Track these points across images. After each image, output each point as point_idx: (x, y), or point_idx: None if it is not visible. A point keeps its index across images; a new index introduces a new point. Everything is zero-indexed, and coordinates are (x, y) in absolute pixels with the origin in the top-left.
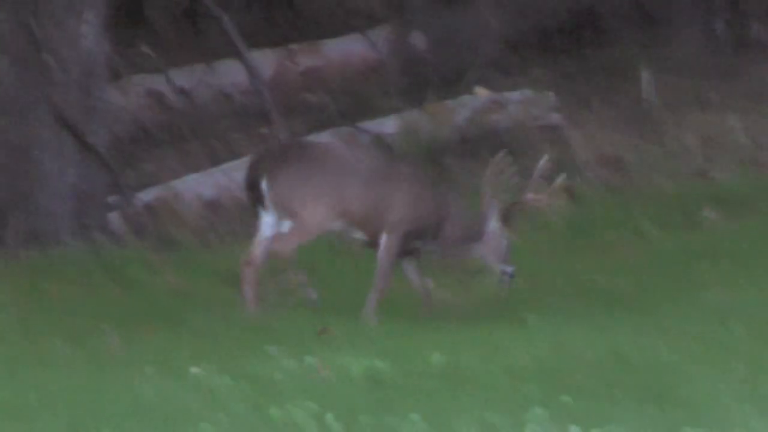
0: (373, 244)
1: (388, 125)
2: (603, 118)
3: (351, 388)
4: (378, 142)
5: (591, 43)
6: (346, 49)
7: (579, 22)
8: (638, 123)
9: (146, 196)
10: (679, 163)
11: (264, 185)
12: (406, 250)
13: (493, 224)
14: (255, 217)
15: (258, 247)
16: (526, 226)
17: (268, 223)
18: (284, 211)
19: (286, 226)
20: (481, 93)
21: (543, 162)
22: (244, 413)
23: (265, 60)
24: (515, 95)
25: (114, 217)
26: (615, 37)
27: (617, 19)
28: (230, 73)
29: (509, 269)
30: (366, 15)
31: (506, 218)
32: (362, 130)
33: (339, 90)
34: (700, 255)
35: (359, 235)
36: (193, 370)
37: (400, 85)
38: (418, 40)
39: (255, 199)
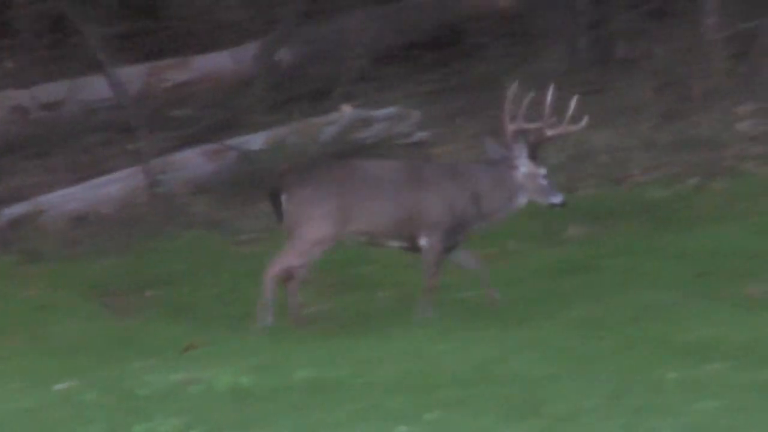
0: (412, 248)
1: (256, 141)
2: (469, 133)
3: (217, 403)
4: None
5: (457, 59)
6: (214, 65)
7: (445, 38)
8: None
9: (12, 210)
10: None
11: (283, 199)
12: (450, 246)
13: (524, 167)
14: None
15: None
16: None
17: None
18: (289, 227)
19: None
20: (347, 110)
21: (551, 93)
22: (110, 428)
23: (133, 75)
24: (381, 112)
25: None
26: (481, 53)
27: (483, 34)
28: (97, 88)
29: (558, 200)
30: (234, 30)
31: (533, 155)
32: (229, 146)
33: (206, 105)
34: (566, 269)
35: (395, 243)
36: (59, 385)
37: (268, 100)
38: (285, 56)
39: (274, 211)
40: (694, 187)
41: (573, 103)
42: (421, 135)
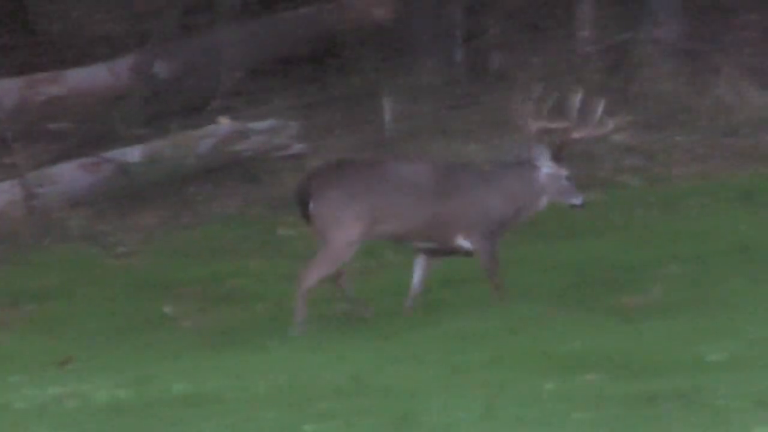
0: (445, 250)
1: (132, 154)
2: (346, 146)
3: (94, 417)
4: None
5: (333, 72)
6: (90, 78)
7: (321, 51)
8: (381, 151)
9: None
10: None
11: (311, 203)
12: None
13: (547, 168)
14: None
15: None
16: (269, 254)
17: None
18: (320, 233)
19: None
20: (224, 122)
21: (580, 97)
22: None
23: (8, 88)
24: (258, 125)
25: None
26: (357, 65)
27: (359, 47)
28: None
29: (579, 201)
30: (109, 44)
31: (557, 157)
32: (106, 159)
33: (82, 119)
34: (441, 281)
35: (425, 245)
36: None
37: (145, 113)
38: (161, 68)
39: (302, 214)
40: None
41: (600, 106)
42: (298, 147)
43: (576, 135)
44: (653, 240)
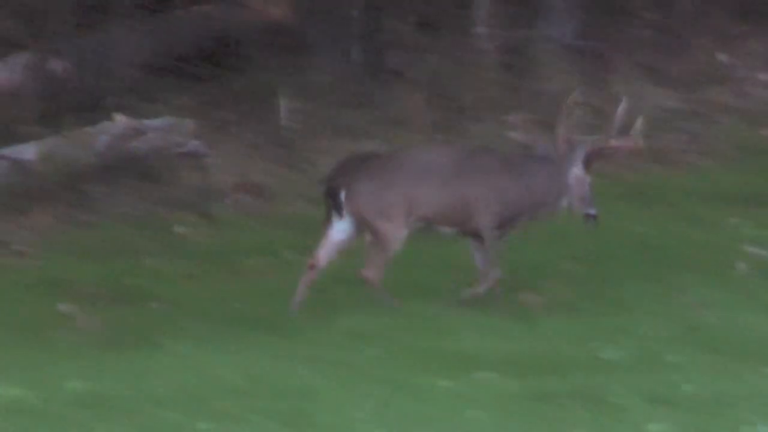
0: (466, 235)
1: (28, 151)
2: (243, 144)
3: None
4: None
5: (231, 69)
6: None
7: (218, 48)
8: (278, 149)
9: None
10: (317, 189)
11: (342, 197)
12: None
13: (577, 170)
14: (327, 221)
15: (324, 250)
16: (166, 252)
17: (340, 230)
18: (364, 224)
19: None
20: (120, 120)
21: (623, 106)
22: None
23: None
24: (155, 122)
25: None
26: (254, 63)
27: (256, 45)
28: None
29: (593, 212)
30: (3, 41)
31: (587, 163)
32: (0, 157)
33: None
34: (338, 279)
35: (450, 230)
36: None
37: (39, 111)
38: (56, 65)
39: (333, 207)
40: None
41: (640, 121)
42: (194, 145)
43: (614, 144)
44: (548, 238)
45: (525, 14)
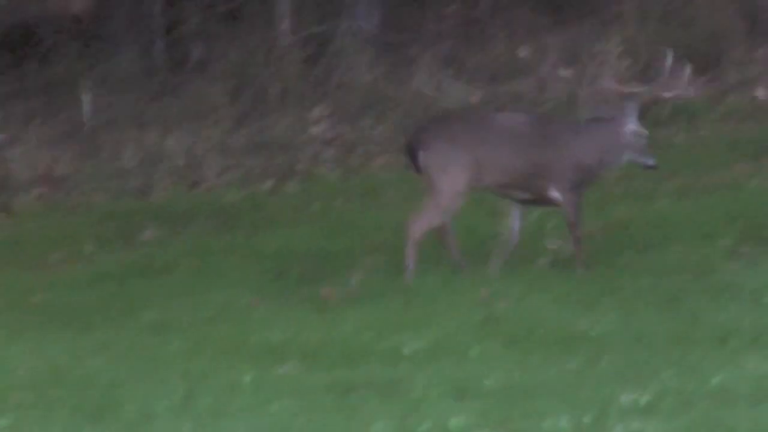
0: (538, 201)
1: None
2: (44, 136)
3: None
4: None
5: (32, 61)
6: None
7: (19, 40)
8: (79, 141)
9: None
10: (120, 181)
11: (421, 154)
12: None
13: (632, 125)
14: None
15: None
16: None
17: None
18: (429, 182)
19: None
20: None
21: (670, 57)
22: None
23: None
24: None
25: None
26: (57, 55)
27: (58, 37)
28: None
29: (651, 161)
30: None
31: (642, 117)
32: None
33: None
34: (140, 272)
35: (522, 195)
36: None
37: None
38: None
39: (414, 168)
40: (269, 190)
41: (687, 70)
42: None
43: (667, 94)
44: (351, 231)
45: (328, 7)
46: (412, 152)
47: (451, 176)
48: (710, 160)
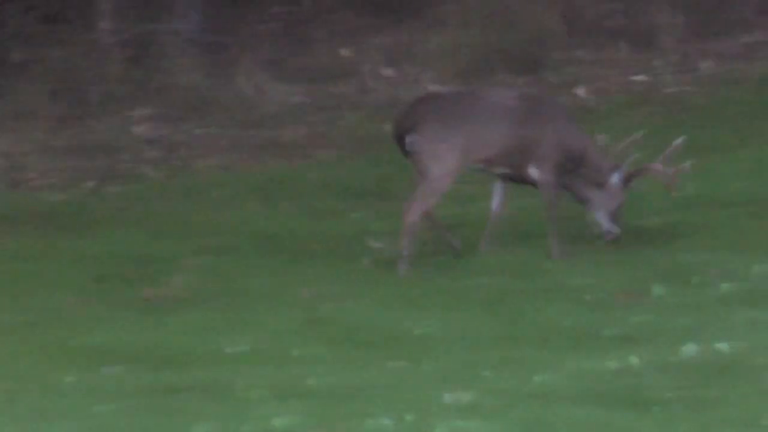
0: (516, 178)
1: None
2: None
3: None
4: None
5: None
6: None
7: None
8: None
9: None
10: None
11: (408, 140)
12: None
13: (617, 178)
14: None
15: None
16: None
17: None
18: (419, 165)
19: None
20: None
21: (680, 141)
22: None
23: None
24: None
25: None
26: None
27: None
28: None
29: (615, 230)
30: None
31: (627, 179)
32: None
33: None
34: None
35: (503, 170)
36: None
37: None
38: None
39: (402, 152)
40: (90, 191)
41: (679, 141)
42: None
43: (654, 168)
44: (174, 232)
45: (149, 7)
46: (400, 136)
47: (442, 159)
48: None
